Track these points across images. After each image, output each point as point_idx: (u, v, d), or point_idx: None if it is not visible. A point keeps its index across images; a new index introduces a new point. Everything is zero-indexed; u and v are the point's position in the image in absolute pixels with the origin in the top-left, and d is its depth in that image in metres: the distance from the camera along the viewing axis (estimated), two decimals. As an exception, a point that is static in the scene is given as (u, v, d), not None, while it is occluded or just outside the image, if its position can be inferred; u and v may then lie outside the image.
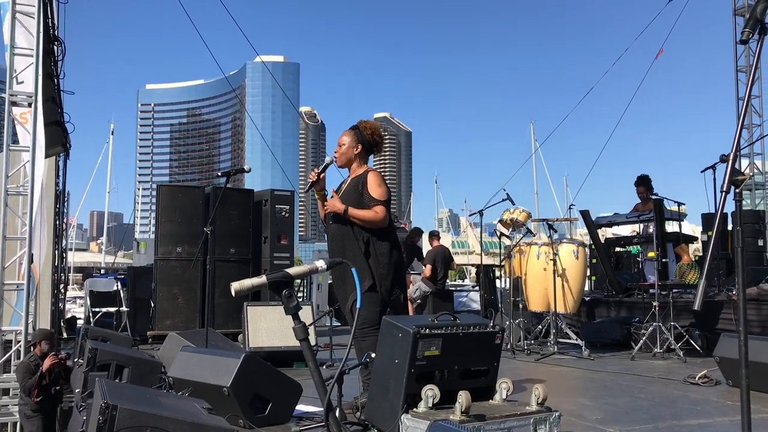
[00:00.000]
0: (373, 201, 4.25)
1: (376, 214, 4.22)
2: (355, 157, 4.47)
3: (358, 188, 4.33)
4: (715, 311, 7.37)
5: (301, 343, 1.94)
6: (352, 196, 4.33)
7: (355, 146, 4.45)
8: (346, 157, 4.47)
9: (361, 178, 4.37)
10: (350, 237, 4.27)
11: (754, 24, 2.12)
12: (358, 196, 4.30)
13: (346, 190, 4.43)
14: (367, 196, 4.28)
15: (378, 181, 4.33)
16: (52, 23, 7.77)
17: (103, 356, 4.85)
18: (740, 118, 2.09)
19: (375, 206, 4.24)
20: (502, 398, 3.58)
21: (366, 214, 4.22)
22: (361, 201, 4.28)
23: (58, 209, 9.86)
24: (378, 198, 4.26)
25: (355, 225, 4.26)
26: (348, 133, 4.50)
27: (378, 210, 4.23)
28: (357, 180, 4.39)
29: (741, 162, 17.37)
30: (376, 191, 4.28)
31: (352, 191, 4.36)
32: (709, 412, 4.41)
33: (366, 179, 4.34)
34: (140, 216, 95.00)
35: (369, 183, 4.31)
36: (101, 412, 2.55)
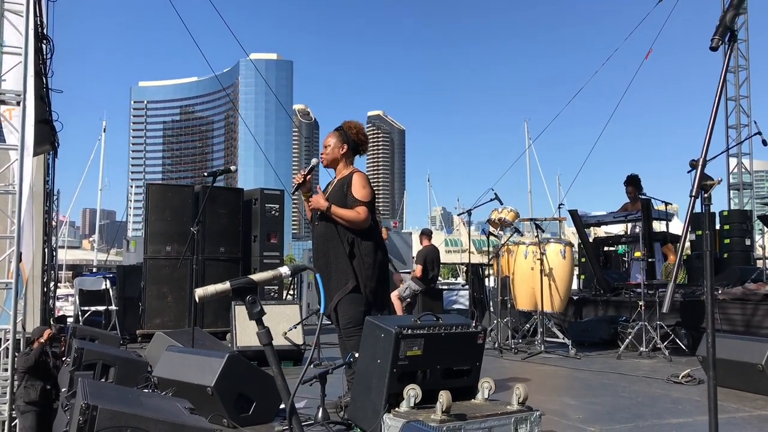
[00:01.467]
0: (356, 202, 4.28)
1: (357, 215, 4.24)
2: (341, 158, 4.50)
3: (343, 189, 4.36)
4: (700, 310, 7.42)
5: (264, 347, 1.97)
6: (337, 197, 4.36)
7: (341, 146, 4.49)
8: (332, 158, 4.51)
9: (347, 179, 4.40)
10: (335, 238, 4.30)
11: (724, 31, 2.15)
12: (343, 197, 4.34)
13: (332, 191, 4.46)
14: (350, 197, 4.31)
15: (362, 183, 4.36)
16: (41, 21, 7.76)
17: (89, 356, 4.87)
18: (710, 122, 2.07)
19: (357, 207, 4.27)
20: (484, 398, 3.61)
21: (348, 214, 4.24)
22: (345, 202, 4.32)
23: (47, 207, 9.84)
24: (361, 199, 4.30)
25: (339, 226, 4.30)
26: (333, 135, 4.54)
27: (360, 210, 4.26)
28: (343, 181, 4.43)
29: (729, 161, 17.49)
30: (360, 192, 4.32)
31: (337, 192, 4.40)
32: (689, 411, 4.46)
33: (351, 180, 4.37)
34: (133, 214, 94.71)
35: (354, 184, 4.35)
36: (82, 412, 2.57)
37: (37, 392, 5.98)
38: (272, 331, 6.80)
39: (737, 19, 2.17)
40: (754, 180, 17.90)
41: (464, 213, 8.75)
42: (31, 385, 5.99)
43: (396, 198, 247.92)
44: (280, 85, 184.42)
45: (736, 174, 17.95)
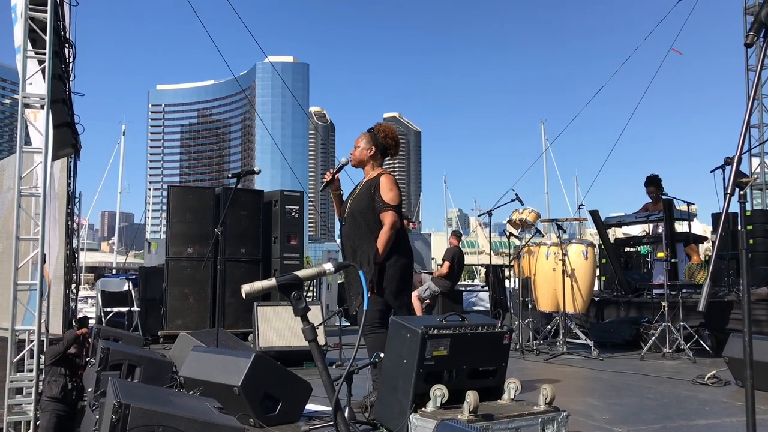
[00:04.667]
0: (384, 206, 4.32)
1: (386, 231, 4.28)
2: (369, 159, 4.54)
3: (371, 192, 4.39)
4: (725, 311, 7.35)
5: (309, 343, 1.97)
6: (364, 200, 4.40)
7: (369, 148, 4.53)
8: (360, 159, 4.56)
9: (374, 181, 4.44)
10: (362, 239, 4.34)
11: (759, 27, 2.13)
12: (370, 199, 4.36)
13: (359, 194, 4.49)
14: (378, 201, 4.34)
15: (389, 185, 4.39)
16: (63, 26, 7.84)
17: (115, 356, 4.90)
18: (745, 120, 2.05)
19: (384, 212, 4.30)
20: (510, 398, 3.60)
21: (383, 241, 4.27)
22: (372, 205, 4.35)
23: (69, 210, 9.94)
24: (389, 202, 4.33)
25: (365, 227, 4.33)
26: (363, 136, 4.59)
27: (386, 220, 4.29)
28: (370, 183, 4.46)
29: (752, 161, 17.31)
30: (387, 195, 4.34)
31: (364, 195, 4.43)
32: (717, 413, 4.42)
33: (378, 183, 4.40)
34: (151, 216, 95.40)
35: (381, 187, 4.37)
36: (114, 411, 2.60)
37: (59, 388, 6.07)
38: (295, 333, 6.84)
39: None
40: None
41: (484, 214, 8.72)
42: (54, 381, 6.09)
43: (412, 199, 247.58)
44: (296, 88, 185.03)
45: (759, 173, 17.76)
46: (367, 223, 4.36)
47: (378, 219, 4.34)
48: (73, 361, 6.32)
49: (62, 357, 6.17)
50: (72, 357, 6.30)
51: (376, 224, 4.34)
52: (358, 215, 4.40)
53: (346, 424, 2.03)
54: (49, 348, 6.26)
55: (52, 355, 6.15)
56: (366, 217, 4.37)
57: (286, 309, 6.79)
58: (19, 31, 6.77)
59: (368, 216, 4.37)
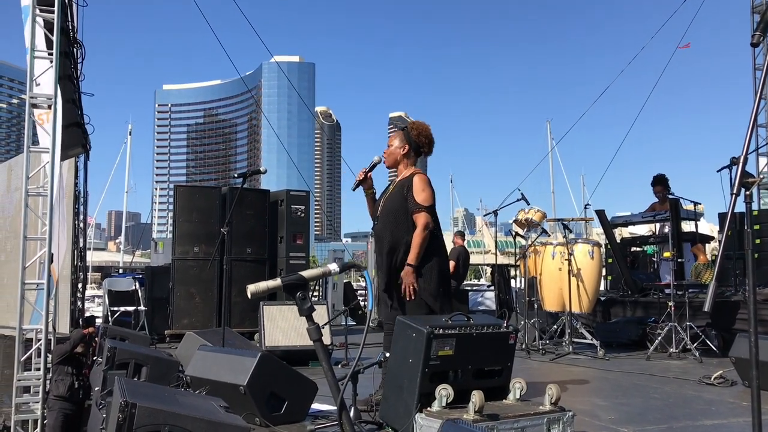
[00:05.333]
0: (417, 206, 4.27)
1: (420, 233, 4.22)
2: (402, 158, 4.50)
3: (403, 192, 4.35)
4: (732, 311, 7.33)
5: (314, 343, 1.98)
6: (396, 199, 4.36)
7: (402, 147, 4.49)
8: (393, 158, 4.53)
9: (407, 181, 4.39)
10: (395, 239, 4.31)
11: (765, 27, 2.13)
12: (402, 200, 4.32)
13: (391, 193, 4.45)
14: (411, 201, 4.29)
15: (422, 186, 4.33)
16: (72, 26, 7.88)
17: (122, 355, 4.93)
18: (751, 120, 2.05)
19: (417, 213, 4.25)
20: (516, 398, 3.60)
21: (417, 243, 4.22)
22: (404, 205, 4.31)
23: (77, 209, 9.98)
24: (422, 203, 4.28)
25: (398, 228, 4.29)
26: (397, 135, 4.56)
27: (419, 222, 4.24)
28: (403, 183, 4.41)
29: (759, 161, 17.23)
30: (420, 196, 4.30)
31: (397, 194, 4.39)
32: (724, 413, 4.41)
33: (411, 183, 4.35)
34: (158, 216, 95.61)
35: (414, 187, 4.32)
36: (121, 410, 2.61)
37: (66, 387, 6.10)
38: (301, 332, 6.85)
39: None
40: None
41: (490, 213, 8.72)
42: (61, 380, 6.12)
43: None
44: (302, 88, 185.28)
45: (766, 173, 17.69)
46: (399, 222, 4.31)
47: (410, 221, 4.29)
48: (80, 360, 6.35)
49: (69, 356, 6.20)
50: (79, 356, 6.33)
51: (409, 224, 4.29)
52: (391, 215, 4.35)
53: (351, 423, 2.04)
54: (56, 347, 6.29)
55: (59, 354, 6.18)
56: (398, 217, 4.33)
57: (292, 308, 6.81)
58: (27, 32, 6.80)
59: (401, 216, 4.32)
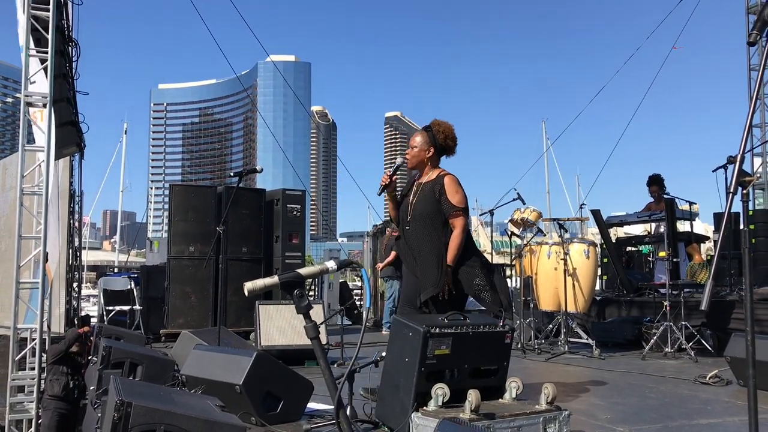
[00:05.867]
0: (453, 209, 4.20)
1: (459, 235, 4.17)
2: (427, 160, 4.39)
3: (435, 194, 4.25)
4: (727, 311, 7.35)
5: (312, 341, 1.98)
6: (428, 202, 4.26)
7: (428, 149, 4.37)
8: (418, 159, 4.41)
9: (437, 182, 4.28)
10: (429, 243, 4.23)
11: (762, 26, 2.13)
12: (435, 202, 4.23)
13: (421, 196, 4.33)
14: (446, 204, 4.21)
15: (455, 187, 4.25)
16: (67, 24, 7.85)
17: (117, 354, 4.91)
18: (747, 119, 2.06)
19: (455, 217, 4.19)
20: (512, 397, 3.60)
21: (455, 245, 4.16)
22: (438, 208, 4.22)
23: (72, 208, 9.95)
24: (457, 205, 4.21)
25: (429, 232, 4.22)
26: (421, 134, 4.43)
27: (457, 225, 4.19)
28: (432, 184, 4.30)
29: (754, 161, 17.28)
30: (455, 198, 4.22)
31: (428, 197, 4.28)
32: (719, 412, 4.42)
33: (443, 184, 4.26)
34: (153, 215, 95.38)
35: (447, 189, 4.23)
36: (116, 409, 2.60)
37: (61, 386, 6.08)
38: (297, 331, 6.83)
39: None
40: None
41: (486, 213, 8.72)
42: (56, 379, 6.10)
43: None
44: (298, 87, 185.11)
45: (761, 173, 17.74)
46: (434, 226, 4.23)
47: (444, 221, 4.23)
48: (75, 360, 6.33)
49: (64, 355, 6.18)
50: (74, 355, 6.31)
51: (443, 227, 4.22)
52: (426, 220, 4.26)
53: (349, 422, 2.03)
54: (50, 346, 6.27)
55: (53, 354, 6.16)
56: (433, 221, 4.24)
57: (288, 308, 6.80)
58: (21, 30, 6.78)
59: (435, 219, 4.24)
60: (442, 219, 4.23)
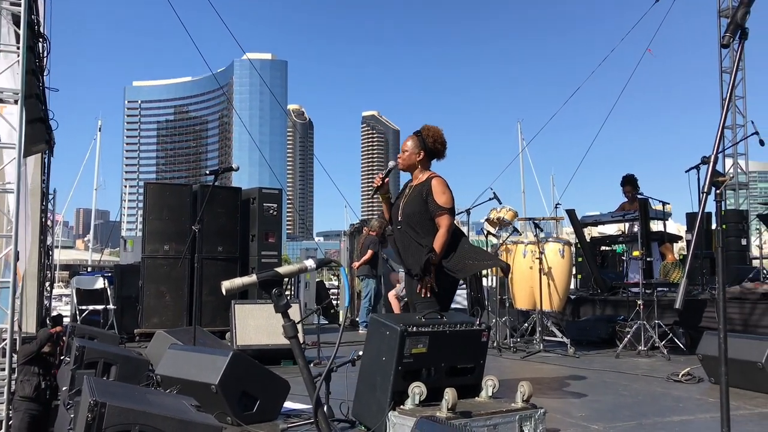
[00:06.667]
0: (439, 209, 4.32)
1: (444, 234, 4.27)
2: (418, 163, 4.53)
3: (423, 195, 4.38)
4: (699, 309, 7.46)
5: (290, 340, 1.97)
6: (416, 203, 4.40)
7: (418, 153, 4.51)
8: (409, 163, 4.55)
9: (426, 185, 4.42)
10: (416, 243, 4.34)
11: (735, 28, 2.16)
12: (422, 203, 4.36)
13: (409, 197, 4.47)
14: (432, 204, 4.34)
15: (442, 189, 4.38)
16: (37, 20, 7.73)
17: (91, 354, 4.85)
18: (721, 120, 2.11)
19: (440, 216, 4.31)
20: (488, 395, 3.62)
21: (441, 242, 4.26)
22: (425, 209, 4.35)
23: (44, 207, 9.81)
24: (443, 205, 4.33)
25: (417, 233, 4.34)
26: (411, 139, 4.57)
27: (443, 223, 4.30)
28: (421, 187, 4.44)
29: (725, 162, 17.56)
30: (441, 199, 4.34)
31: (416, 198, 4.42)
32: (691, 409, 4.48)
33: (430, 186, 4.39)
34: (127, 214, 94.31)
35: (434, 190, 4.36)
36: (90, 409, 2.56)
37: (32, 387, 5.99)
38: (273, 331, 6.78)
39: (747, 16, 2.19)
40: (749, 180, 18.00)
41: (462, 212, 8.73)
42: (27, 380, 6.01)
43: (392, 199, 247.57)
44: (274, 85, 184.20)
45: (732, 174, 18.03)
46: (421, 226, 4.36)
47: (431, 222, 4.35)
48: (47, 360, 6.24)
49: (36, 356, 6.09)
50: (46, 356, 6.22)
51: (430, 227, 4.34)
52: (412, 219, 4.39)
53: (327, 421, 2.02)
54: (22, 347, 6.16)
55: (25, 354, 6.06)
56: (420, 221, 4.37)
57: (264, 307, 6.76)
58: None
59: (422, 219, 4.37)
60: (430, 219, 4.35)
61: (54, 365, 6.27)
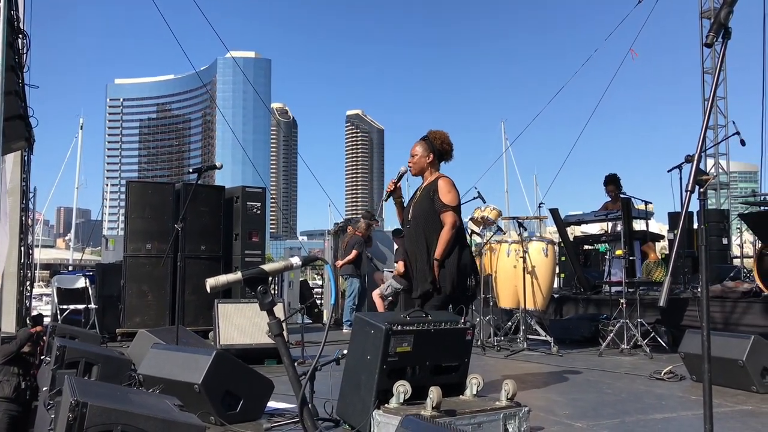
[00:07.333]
0: (444, 207, 4.48)
1: (448, 230, 4.44)
2: (428, 166, 4.71)
3: (430, 195, 4.56)
4: (681, 308, 7.52)
5: (275, 338, 1.95)
6: (424, 204, 4.58)
7: (427, 156, 4.69)
8: (419, 167, 4.72)
9: (433, 185, 4.61)
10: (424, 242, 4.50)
11: (718, 28, 2.18)
12: (430, 202, 4.53)
13: (419, 198, 4.66)
14: (438, 203, 4.50)
15: (448, 188, 4.55)
16: (17, 15, 7.63)
17: (72, 354, 4.79)
18: (704, 120, 2.13)
19: (444, 213, 4.46)
20: (473, 394, 3.62)
21: (444, 239, 4.42)
22: (433, 208, 4.51)
23: (24, 205, 9.69)
24: (448, 204, 4.50)
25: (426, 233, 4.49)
26: (420, 144, 4.73)
27: (447, 221, 4.45)
28: (429, 187, 4.63)
29: (707, 162, 17.73)
30: (447, 197, 4.52)
31: (424, 199, 4.60)
32: (673, 407, 4.52)
33: (437, 186, 4.56)
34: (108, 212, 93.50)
35: (440, 189, 4.54)
36: (71, 409, 2.53)
37: (11, 388, 5.91)
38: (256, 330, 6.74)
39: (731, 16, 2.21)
40: (731, 180, 18.20)
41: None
42: (6, 380, 5.93)
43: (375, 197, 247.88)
44: (258, 84, 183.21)
45: (714, 174, 18.21)
46: (429, 225, 4.52)
47: (439, 221, 4.49)
48: (27, 360, 6.16)
49: (15, 356, 6.01)
50: (26, 356, 6.15)
51: (438, 226, 4.48)
52: (420, 219, 4.56)
53: (312, 419, 2.01)
54: (1, 347, 6.10)
55: (4, 354, 5.99)
56: (428, 220, 4.53)
57: (247, 306, 6.73)
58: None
59: (429, 219, 4.52)
60: (437, 219, 4.50)
61: (34, 365, 6.20)
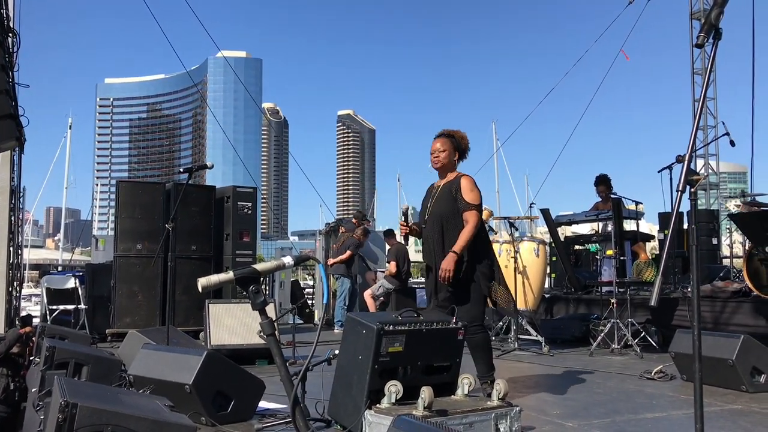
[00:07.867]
0: (468, 206, 4.44)
1: (471, 228, 4.39)
2: (452, 164, 4.68)
3: (452, 193, 4.51)
4: (671, 308, 7.55)
5: (267, 338, 1.94)
6: (445, 201, 4.53)
7: (454, 153, 4.66)
8: (446, 163, 4.66)
9: (455, 183, 4.55)
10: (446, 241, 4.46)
11: (709, 29, 2.19)
12: (452, 200, 4.49)
13: (438, 196, 4.61)
14: (461, 201, 4.46)
15: (470, 186, 4.51)
16: (6, 14, 7.58)
17: (61, 354, 4.75)
18: (695, 120, 2.14)
19: (468, 212, 4.41)
20: (464, 393, 3.62)
21: (466, 236, 4.36)
22: (454, 206, 4.47)
23: (12, 205, 9.62)
24: (471, 202, 4.45)
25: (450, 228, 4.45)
26: (444, 142, 4.67)
27: (470, 219, 4.40)
28: (450, 185, 4.57)
29: (696, 162, 17.81)
30: (470, 196, 4.47)
31: (445, 196, 4.55)
32: (664, 406, 4.53)
33: (459, 184, 4.51)
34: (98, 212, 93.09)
35: (463, 188, 4.49)
36: (61, 410, 2.51)
37: (0, 389, 5.87)
38: (247, 330, 6.72)
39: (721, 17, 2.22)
40: (720, 181, 18.30)
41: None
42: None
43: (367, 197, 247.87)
44: (249, 84, 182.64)
45: (703, 174, 18.31)
46: (450, 224, 4.48)
47: (460, 220, 4.45)
48: (16, 361, 6.11)
49: (4, 357, 5.96)
50: (14, 357, 6.10)
51: (459, 224, 4.45)
52: (441, 218, 4.51)
53: (305, 418, 2.01)
54: None
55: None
56: (449, 219, 4.49)
57: (238, 306, 6.72)
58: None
59: (451, 218, 4.49)
60: (457, 218, 4.47)
61: (23, 366, 6.15)
